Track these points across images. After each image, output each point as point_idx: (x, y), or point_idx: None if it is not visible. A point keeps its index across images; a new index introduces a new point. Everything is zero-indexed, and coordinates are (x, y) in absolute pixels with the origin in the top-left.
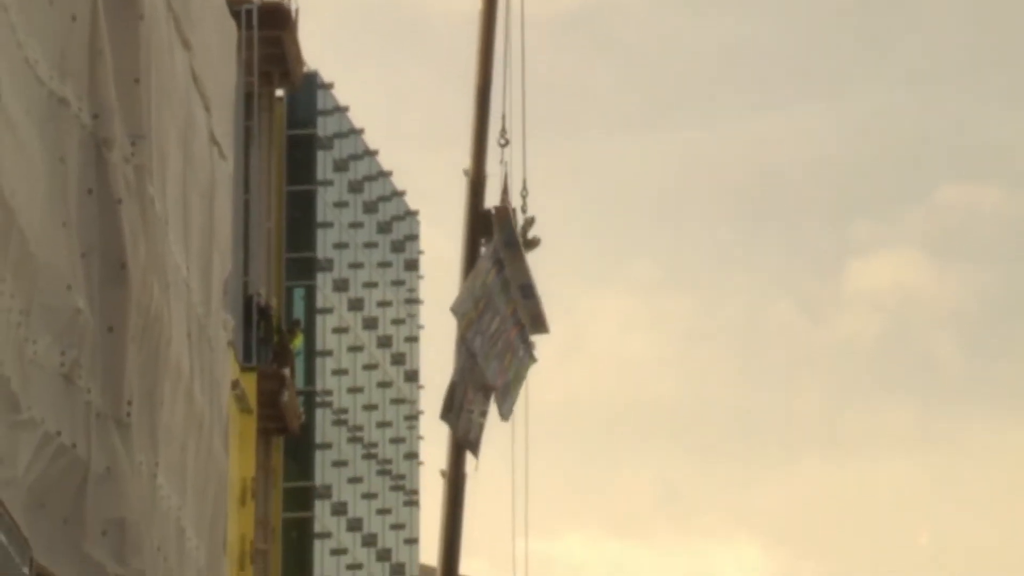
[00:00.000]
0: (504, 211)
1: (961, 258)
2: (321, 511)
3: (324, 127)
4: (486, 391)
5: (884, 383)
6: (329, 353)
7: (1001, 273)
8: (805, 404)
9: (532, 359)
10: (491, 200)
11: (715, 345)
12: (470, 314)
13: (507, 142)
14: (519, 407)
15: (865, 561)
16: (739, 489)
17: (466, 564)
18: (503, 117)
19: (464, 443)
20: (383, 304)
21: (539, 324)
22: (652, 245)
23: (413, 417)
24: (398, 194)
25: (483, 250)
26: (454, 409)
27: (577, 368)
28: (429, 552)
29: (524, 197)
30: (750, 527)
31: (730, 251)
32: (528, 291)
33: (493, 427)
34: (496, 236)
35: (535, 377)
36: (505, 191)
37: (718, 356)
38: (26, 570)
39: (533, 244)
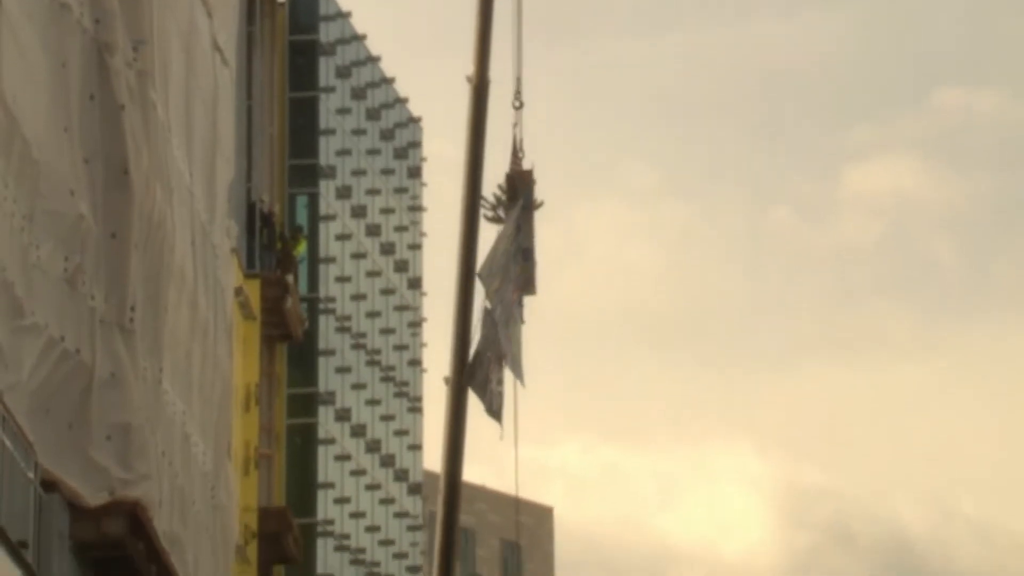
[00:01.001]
0: (529, 175)
1: (959, 162)
2: (325, 417)
3: (326, 33)
4: (500, 359)
5: (883, 288)
6: (332, 260)
7: (999, 177)
8: (804, 309)
9: (522, 321)
10: (495, 109)
11: (713, 251)
12: (495, 283)
13: (521, 104)
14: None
15: (864, 465)
16: (737, 394)
17: (469, 471)
18: (517, 79)
19: (489, 413)
20: (386, 211)
21: (529, 287)
22: (649, 151)
23: (416, 324)
24: (401, 101)
25: (497, 215)
26: (478, 379)
27: (574, 276)
28: (433, 459)
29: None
30: (748, 432)
31: (727, 156)
32: (528, 254)
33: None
34: (520, 200)
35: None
36: (515, 153)
37: (716, 262)
38: (31, 474)
39: (538, 206)
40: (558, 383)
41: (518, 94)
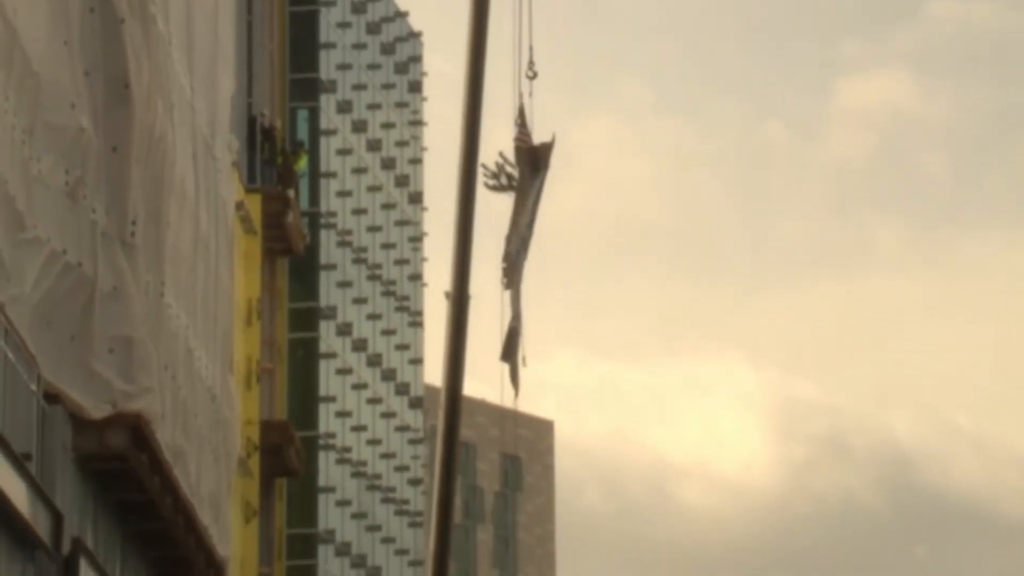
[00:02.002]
0: (550, 148)
1: (951, 76)
2: (326, 331)
3: None
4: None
5: (876, 202)
6: (333, 175)
7: (991, 90)
8: (797, 224)
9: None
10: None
11: (706, 167)
12: (521, 261)
13: (535, 75)
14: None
15: (857, 379)
16: (730, 309)
17: (470, 386)
18: (530, 49)
19: (513, 379)
20: (387, 126)
21: (524, 251)
22: (645, 68)
23: (417, 239)
24: (401, 15)
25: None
26: (511, 354)
27: (569, 191)
28: (433, 373)
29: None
30: (741, 346)
31: (721, 72)
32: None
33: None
34: (543, 172)
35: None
36: (524, 124)
37: (710, 178)
38: (34, 386)
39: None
40: (552, 298)
41: (531, 64)
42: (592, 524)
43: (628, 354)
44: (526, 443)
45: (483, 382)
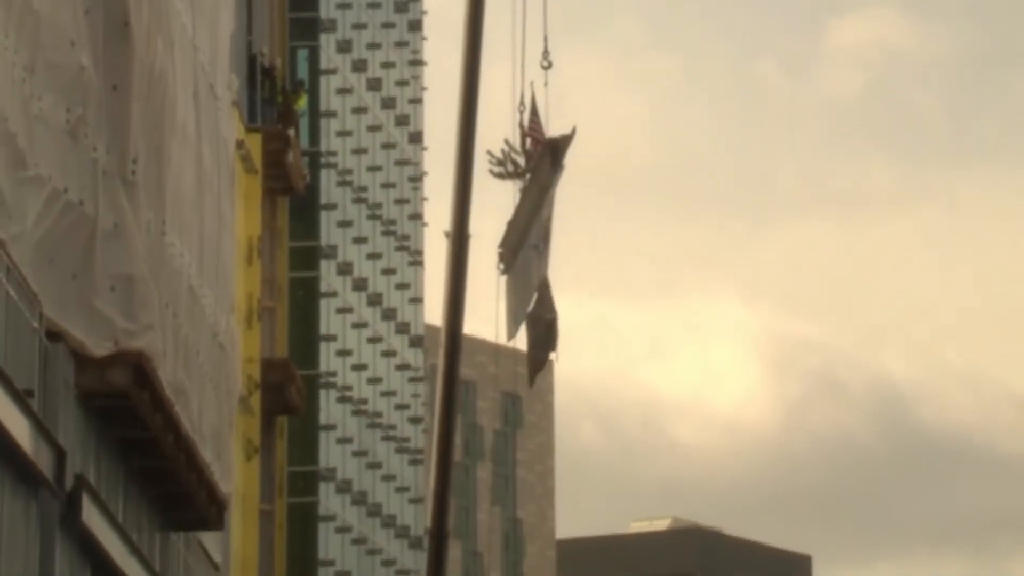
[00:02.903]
0: (569, 140)
1: (942, 14)
2: (327, 270)
3: None
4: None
5: (868, 141)
6: (333, 114)
7: (982, 28)
8: (789, 163)
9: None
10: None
11: (699, 105)
12: (546, 252)
13: (550, 64)
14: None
15: (850, 316)
16: (723, 247)
17: (470, 325)
18: (544, 39)
19: (537, 370)
20: (387, 65)
21: (547, 242)
22: (635, 4)
23: (417, 179)
24: None
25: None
26: (547, 346)
27: (560, 128)
28: (434, 312)
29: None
30: (734, 284)
31: (713, 10)
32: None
33: (490, 192)
34: (562, 166)
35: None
36: (535, 113)
37: (702, 116)
38: (36, 324)
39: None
40: None
41: (546, 53)
42: (590, 462)
43: (624, 293)
44: (526, 381)
45: (483, 321)
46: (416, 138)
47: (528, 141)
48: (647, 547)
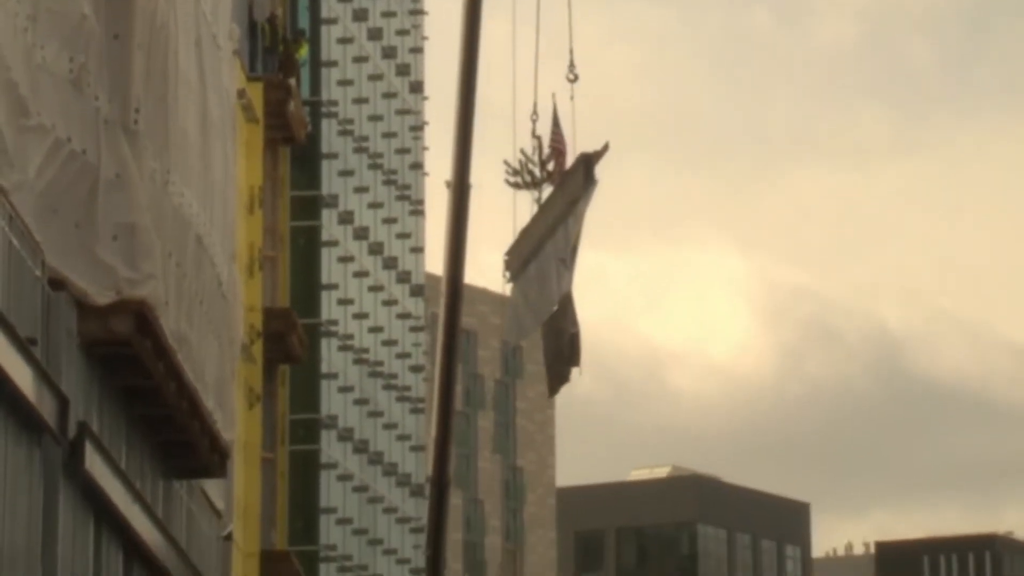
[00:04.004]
0: (602, 155)
1: None
2: (328, 220)
3: None
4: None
5: (862, 91)
6: (334, 64)
7: None
8: (784, 113)
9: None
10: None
11: (691, 55)
12: (572, 267)
13: (576, 78)
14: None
15: (845, 265)
16: (717, 197)
17: (471, 275)
18: (570, 51)
19: (558, 385)
20: (387, 14)
21: (573, 257)
22: None
23: (418, 128)
24: None
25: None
26: (569, 360)
27: (552, 78)
28: (435, 262)
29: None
30: (728, 234)
31: None
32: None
33: (491, 142)
34: (594, 183)
35: (503, 92)
36: (556, 124)
37: (695, 66)
38: (39, 273)
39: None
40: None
41: (572, 66)
42: (589, 410)
43: (619, 243)
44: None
45: (484, 271)
46: (417, 88)
47: (549, 152)
48: (646, 495)
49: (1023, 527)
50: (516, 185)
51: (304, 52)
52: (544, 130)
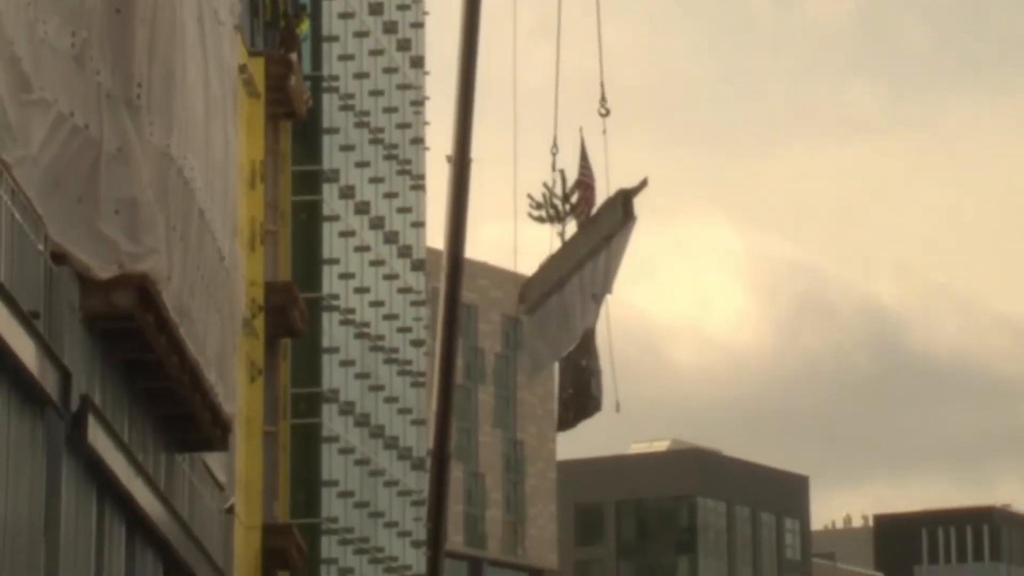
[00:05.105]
0: (640, 190)
1: None
2: (329, 194)
3: None
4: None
5: (856, 66)
6: (335, 39)
7: None
8: (776, 88)
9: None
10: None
11: (687, 31)
12: (601, 300)
13: (607, 112)
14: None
15: (838, 240)
16: (710, 172)
17: (472, 250)
18: (601, 84)
19: (572, 423)
20: None
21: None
22: None
23: (419, 103)
24: None
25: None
26: (588, 394)
27: (545, 53)
28: (435, 236)
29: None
30: (721, 208)
31: None
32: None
33: (492, 116)
34: (632, 220)
35: (504, 66)
36: (584, 158)
37: (690, 43)
38: (41, 247)
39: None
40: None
41: (603, 100)
42: None
43: None
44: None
45: (485, 245)
46: (418, 62)
47: (573, 185)
48: (647, 468)
49: (1018, 499)
50: (540, 219)
51: (305, 27)
52: (564, 162)
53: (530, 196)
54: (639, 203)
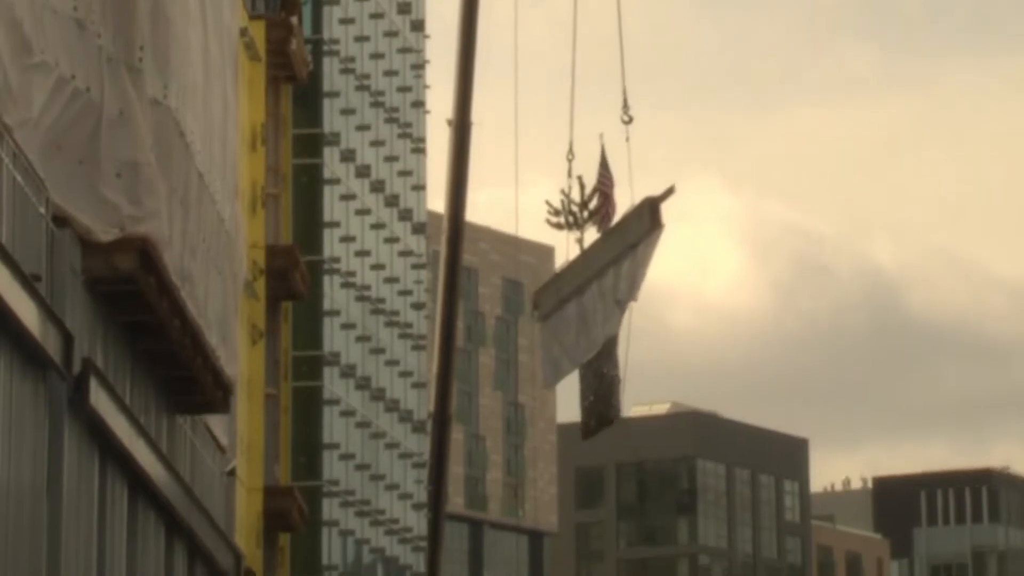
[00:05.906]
0: (666, 198)
1: None
2: (330, 158)
3: None
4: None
5: (850, 28)
6: (336, 2)
7: None
8: (773, 50)
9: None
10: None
11: None
12: (624, 307)
13: (630, 119)
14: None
15: (834, 202)
16: (706, 134)
17: (472, 213)
18: (623, 91)
19: (594, 430)
20: None
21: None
22: None
23: (420, 67)
24: None
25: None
26: (618, 401)
27: (542, 18)
28: (436, 199)
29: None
30: (717, 172)
31: None
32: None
33: (492, 80)
34: (660, 229)
35: (505, 30)
36: (605, 166)
37: (683, 4)
38: (42, 210)
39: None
40: (531, 127)
41: (626, 107)
42: None
43: None
44: (528, 268)
45: (485, 209)
46: (418, 26)
47: (591, 192)
48: (646, 431)
49: (1016, 461)
50: (558, 226)
51: None
52: (581, 169)
53: (548, 203)
54: (643, 163)
